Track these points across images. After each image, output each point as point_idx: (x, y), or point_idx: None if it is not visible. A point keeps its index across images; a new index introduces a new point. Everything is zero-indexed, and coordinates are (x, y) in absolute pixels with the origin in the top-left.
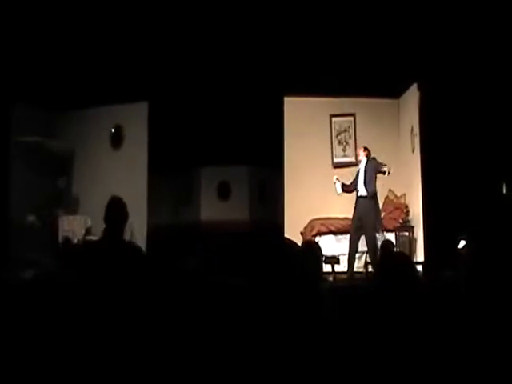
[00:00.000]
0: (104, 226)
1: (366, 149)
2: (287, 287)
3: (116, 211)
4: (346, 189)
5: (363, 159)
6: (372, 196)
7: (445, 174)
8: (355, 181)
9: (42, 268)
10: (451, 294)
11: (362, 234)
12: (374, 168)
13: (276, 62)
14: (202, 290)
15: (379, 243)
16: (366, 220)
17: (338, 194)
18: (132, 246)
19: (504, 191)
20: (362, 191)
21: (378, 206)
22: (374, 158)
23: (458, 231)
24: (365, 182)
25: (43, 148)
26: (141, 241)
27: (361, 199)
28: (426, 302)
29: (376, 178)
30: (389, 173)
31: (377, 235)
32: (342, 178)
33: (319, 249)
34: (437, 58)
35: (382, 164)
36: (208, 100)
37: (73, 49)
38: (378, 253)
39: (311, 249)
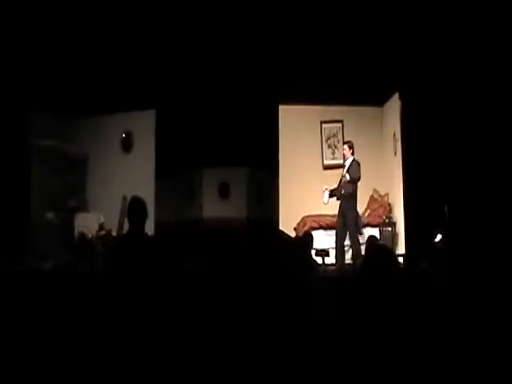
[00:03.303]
0: (116, 222)
1: (350, 146)
2: (281, 274)
3: (137, 210)
4: (335, 192)
5: (349, 158)
6: (350, 195)
7: (424, 175)
8: (341, 180)
9: (59, 260)
10: (429, 282)
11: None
12: (355, 173)
13: (273, 74)
14: (201, 282)
15: (364, 239)
16: (347, 216)
17: (325, 203)
18: (153, 241)
19: (446, 213)
20: (343, 190)
21: (356, 206)
22: (357, 162)
23: (435, 226)
24: (345, 185)
25: (60, 151)
26: None
27: (342, 197)
28: (405, 289)
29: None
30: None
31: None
32: (331, 178)
33: (311, 235)
34: (417, 70)
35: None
36: (210, 108)
37: (88, 61)
38: (361, 247)
39: (305, 235)
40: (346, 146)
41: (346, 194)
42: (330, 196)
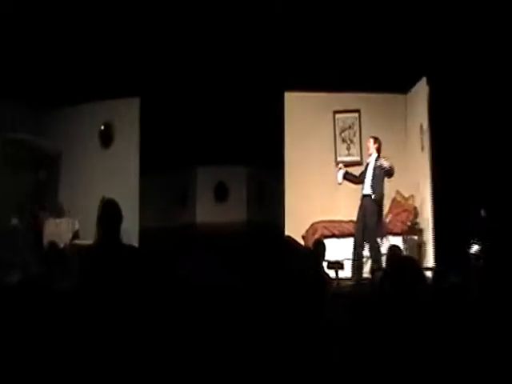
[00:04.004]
0: (93, 229)
1: (376, 140)
2: (287, 290)
3: (110, 214)
4: (352, 179)
5: (373, 154)
6: (377, 198)
7: (456, 174)
8: (363, 174)
9: (25, 272)
10: (462, 300)
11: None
12: (384, 172)
13: (276, 55)
14: (197, 294)
15: (384, 247)
16: (369, 221)
17: (339, 183)
18: (129, 248)
19: (483, 219)
20: (367, 190)
21: (382, 211)
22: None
23: (469, 234)
24: (372, 183)
25: (29, 146)
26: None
27: (365, 198)
28: (435, 309)
29: (384, 180)
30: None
31: (379, 240)
32: None
33: (322, 244)
34: (447, 50)
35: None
36: (204, 95)
37: (60, 43)
38: (381, 257)
39: (315, 244)
40: (371, 140)
41: (376, 195)
42: (345, 178)
